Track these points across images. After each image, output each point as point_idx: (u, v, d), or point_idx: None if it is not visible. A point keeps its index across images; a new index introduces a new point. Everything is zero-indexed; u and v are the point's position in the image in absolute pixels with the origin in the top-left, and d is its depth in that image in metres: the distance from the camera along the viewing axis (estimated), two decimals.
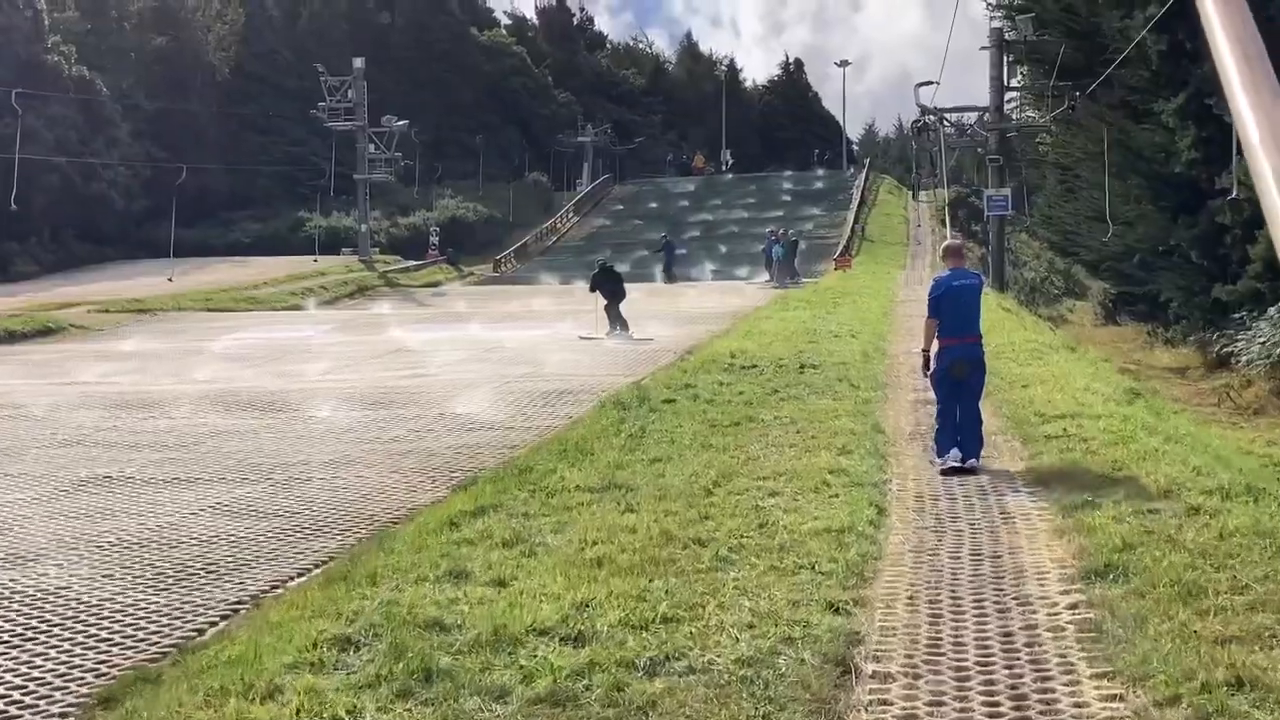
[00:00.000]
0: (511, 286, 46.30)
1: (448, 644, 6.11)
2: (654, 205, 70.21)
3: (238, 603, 7.89)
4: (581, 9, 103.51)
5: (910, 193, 71.80)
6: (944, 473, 10.18)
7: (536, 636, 6.16)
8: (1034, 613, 6.51)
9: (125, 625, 7.45)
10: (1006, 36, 35.75)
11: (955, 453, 10.36)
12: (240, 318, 33.70)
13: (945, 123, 39.00)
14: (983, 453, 10.62)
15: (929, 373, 10.91)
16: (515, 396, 16.60)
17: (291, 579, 8.42)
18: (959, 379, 10.69)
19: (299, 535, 9.65)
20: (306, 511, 10.47)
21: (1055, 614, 6.45)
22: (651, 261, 46.67)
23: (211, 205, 60.15)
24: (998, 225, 37.61)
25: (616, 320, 24.52)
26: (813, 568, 7.29)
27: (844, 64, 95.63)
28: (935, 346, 10.80)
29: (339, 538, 9.58)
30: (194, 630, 7.40)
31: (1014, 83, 37.87)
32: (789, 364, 17.15)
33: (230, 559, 8.96)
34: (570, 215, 67.59)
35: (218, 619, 7.58)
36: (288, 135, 65.65)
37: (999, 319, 23.62)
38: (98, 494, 11.35)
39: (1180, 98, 29.30)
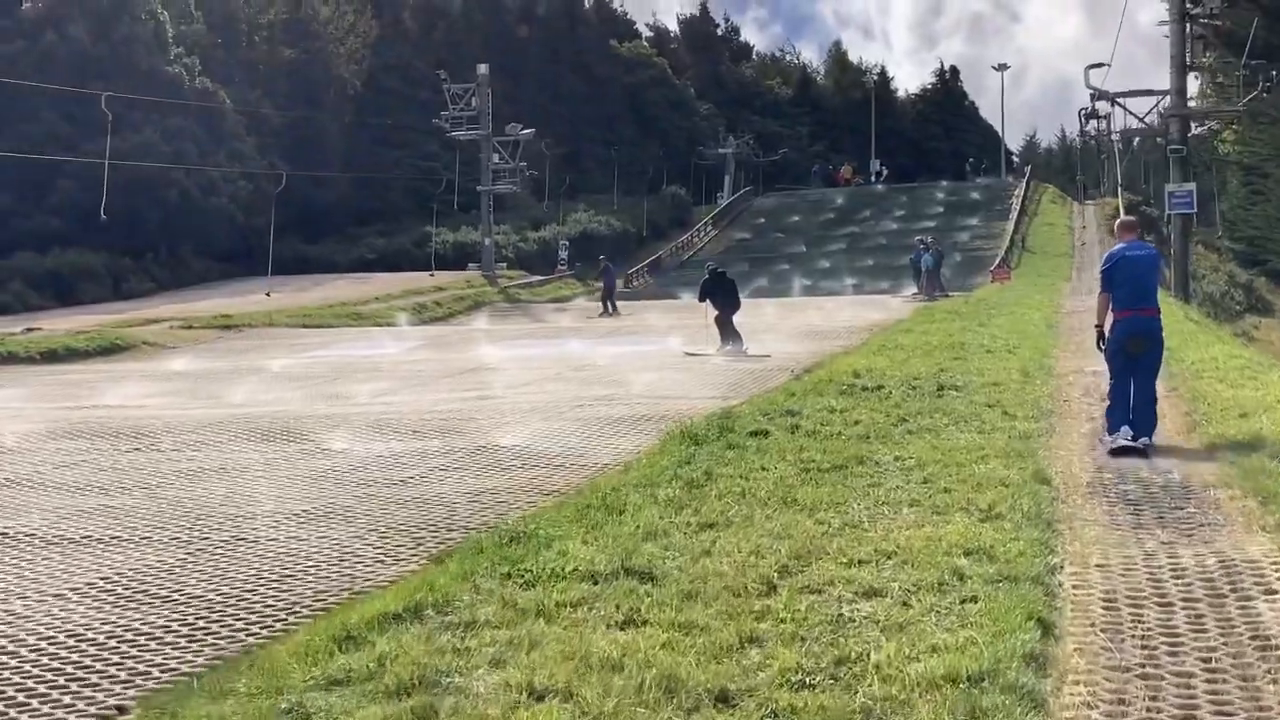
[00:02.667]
0: (639, 302, 43.14)
1: None
2: (796, 219, 66.46)
3: None
4: (726, 19, 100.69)
5: (1075, 202, 66.65)
6: (1113, 453, 9.57)
7: None
8: None
9: None
10: (1189, 11, 31.20)
11: (1126, 430, 9.84)
12: (330, 334, 31.08)
13: (1119, 105, 34.49)
14: (1156, 435, 9.95)
15: (1102, 347, 10.48)
16: (581, 424, 13.40)
17: None
18: (1134, 354, 10.18)
19: (167, 638, 6.54)
20: (213, 595, 7.37)
21: None
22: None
23: (339, 221, 58.26)
24: (1180, 225, 32.86)
25: (729, 334, 21.08)
26: None
27: (1003, 68, 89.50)
28: (1109, 321, 10.32)
29: (216, 645, 6.42)
30: None
31: (1199, 61, 33.14)
32: (925, 385, 13.55)
33: (31, 685, 5.86)
34: (708, 229, 64.35)
35: None
36: (418, 149, 63.51)
37: (1190, 332, 19.63)
38: None
39: None
